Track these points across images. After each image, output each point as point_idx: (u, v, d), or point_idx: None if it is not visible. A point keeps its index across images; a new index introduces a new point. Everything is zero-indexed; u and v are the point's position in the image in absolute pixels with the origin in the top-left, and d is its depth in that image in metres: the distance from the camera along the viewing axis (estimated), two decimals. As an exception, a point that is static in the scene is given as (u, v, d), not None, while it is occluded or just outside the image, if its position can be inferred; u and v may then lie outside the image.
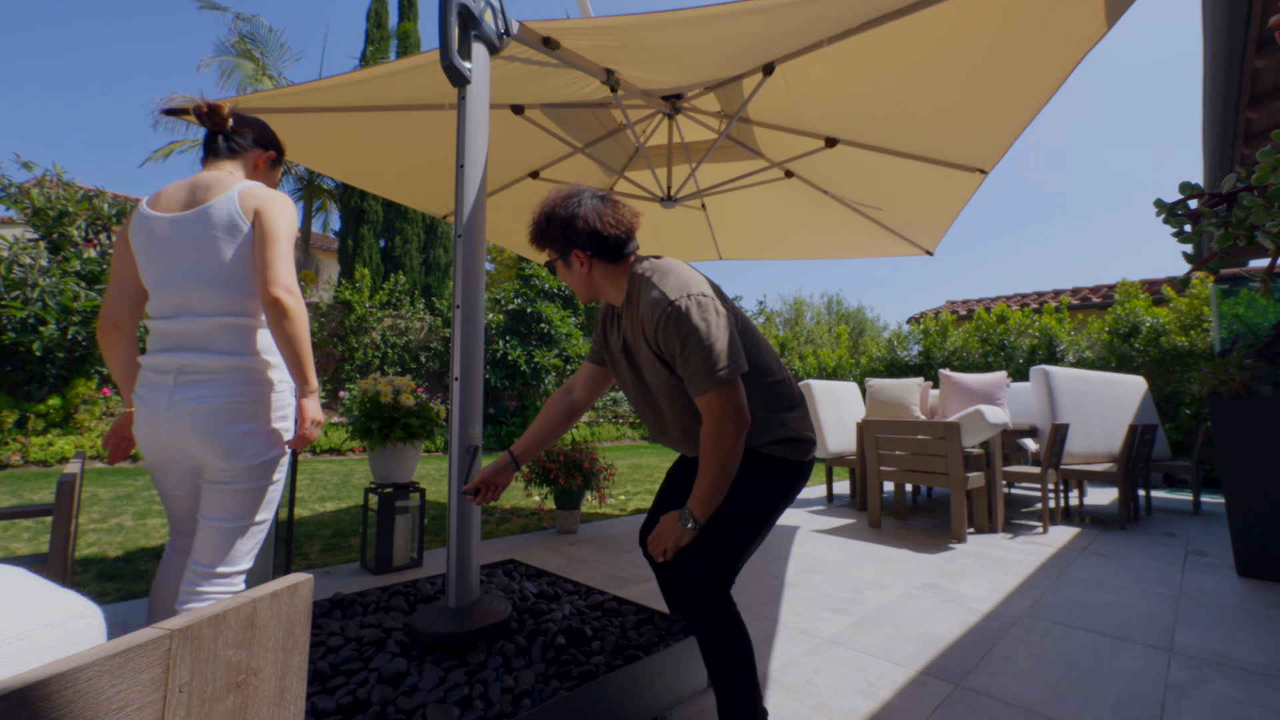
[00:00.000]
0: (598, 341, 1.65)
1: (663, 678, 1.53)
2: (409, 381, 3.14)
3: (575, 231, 1.42)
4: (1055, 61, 2.37)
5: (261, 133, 1.61)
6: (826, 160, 3.48)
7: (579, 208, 1.43)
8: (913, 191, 3.70)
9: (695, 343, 1.30)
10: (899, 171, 3.47)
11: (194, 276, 1.36)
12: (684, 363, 1.33)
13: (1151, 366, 7.11)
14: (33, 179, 6.74)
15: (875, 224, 4.23)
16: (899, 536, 3.96)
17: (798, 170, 3.76)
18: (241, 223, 1.37)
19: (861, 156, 3.38)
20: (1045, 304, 8.83)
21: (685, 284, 1.36)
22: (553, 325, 11.00)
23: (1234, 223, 1.38)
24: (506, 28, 1.76)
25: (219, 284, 1.36)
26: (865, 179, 3.65)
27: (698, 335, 1.30)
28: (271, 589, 0.52)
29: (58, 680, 0.36)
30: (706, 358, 1.30)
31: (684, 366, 1.33)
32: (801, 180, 3.85)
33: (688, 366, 1.32)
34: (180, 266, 1.37)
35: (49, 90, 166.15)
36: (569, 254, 1.45)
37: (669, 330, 1.32)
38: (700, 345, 1.30)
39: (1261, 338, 3.34)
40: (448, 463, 1.57)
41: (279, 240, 1.36)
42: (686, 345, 1.31)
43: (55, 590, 0.57)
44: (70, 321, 6.31)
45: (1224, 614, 2.52)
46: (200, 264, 1.36)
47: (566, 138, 3.35)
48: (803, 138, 3.33)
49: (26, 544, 3.27)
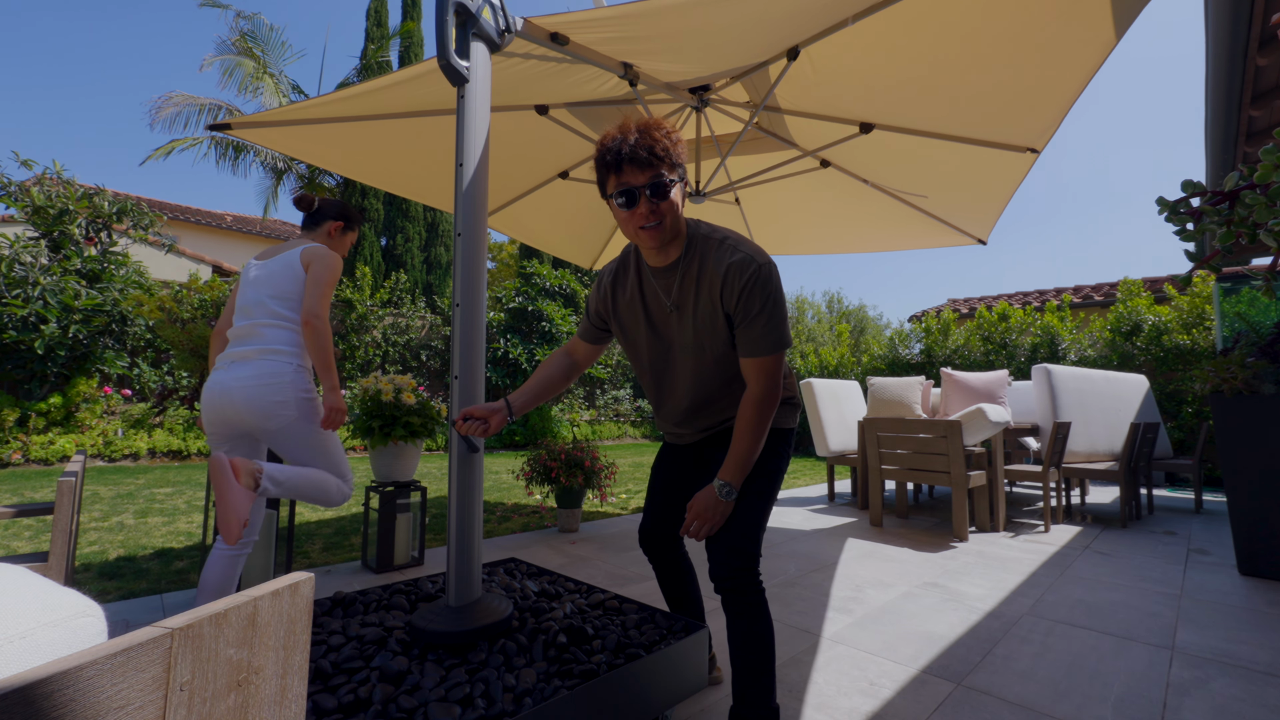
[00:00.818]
0: (600, 311, 1.61)
1: (664, 676, 1.53)
2: (410, 380, 3.15)
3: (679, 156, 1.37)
4: (1103, 21, 2.14)
5: (335, 208, 2.25)
6: (864, 147, 3.33)
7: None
8: (959, 176, 3.48)
9: (773, 306, 1.33)
10: (943, 155, 3.27)
11: (266, 296, 2.02)
12: (751, 324, 1.34)
13: (1153, 365, 7.10)
14: (32, 177, 6.74)
15: (921, 213, 3.99)
16: (900, 535, 3.96)
17: (834, 159, 3.58)
18: (299, 270, 2.04)
19: (901, 141, 3.21)
20: (1047, 302, 8.82)
21: (764, 252, 1.38)
22: (553, 323, 11.00)
23: (1236, 221, 1.37)
24: (508, 24, 1.75)
25: (280, 303, 2.02)
26: (907, 165, 3.46)
27: (775, 300, 1.33)
28: (272, 587, 0.52)
29: (58, 679, 0.36)
30: (778, 323, 1.34)
31: (750, 327, 1.34)
32: (839, 169, 3.67)
33: (753, 327, 1.34)
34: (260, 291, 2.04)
35: (48, 90, 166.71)
36: (682, 179, 1.39)
37: (754, 291, 1.33)
38: (775, 309, 1.34)
39: (1264, 336, 3.34)
40: (448, 461, 1.57)
41: (319, 284, 2.01)
42: (765, 307, 1.33)
43: (56, 589, 0.56)
44: (71, 320, 6.31)
45: (1226, 613, 2.52)
46: (271, 290, 2.03)
47: (593, 136, 3.26)
48: (836, 124, 3.18)
49: (28, 542, 3.27)
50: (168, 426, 7.19)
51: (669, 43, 2.37)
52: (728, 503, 1.38)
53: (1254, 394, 3.11)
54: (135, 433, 6.89)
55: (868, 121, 3.09)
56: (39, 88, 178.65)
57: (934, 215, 4.01)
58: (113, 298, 6.66)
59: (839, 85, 2.83)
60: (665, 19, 2.14)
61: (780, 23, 2.27)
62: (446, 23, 1.55)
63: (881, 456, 4.27)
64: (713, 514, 1.38)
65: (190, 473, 6.09)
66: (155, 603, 2.46)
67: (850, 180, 3.75)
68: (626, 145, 1.33)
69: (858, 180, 3.72)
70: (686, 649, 1.60)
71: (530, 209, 4.19)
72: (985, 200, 3.71)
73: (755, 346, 1.35)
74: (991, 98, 2.74)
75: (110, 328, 6.86)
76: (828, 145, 3.24)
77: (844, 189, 3.88)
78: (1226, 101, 3.09)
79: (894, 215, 4.11)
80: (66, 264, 6.53)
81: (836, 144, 3.23)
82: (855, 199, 3.99)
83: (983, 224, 4.03)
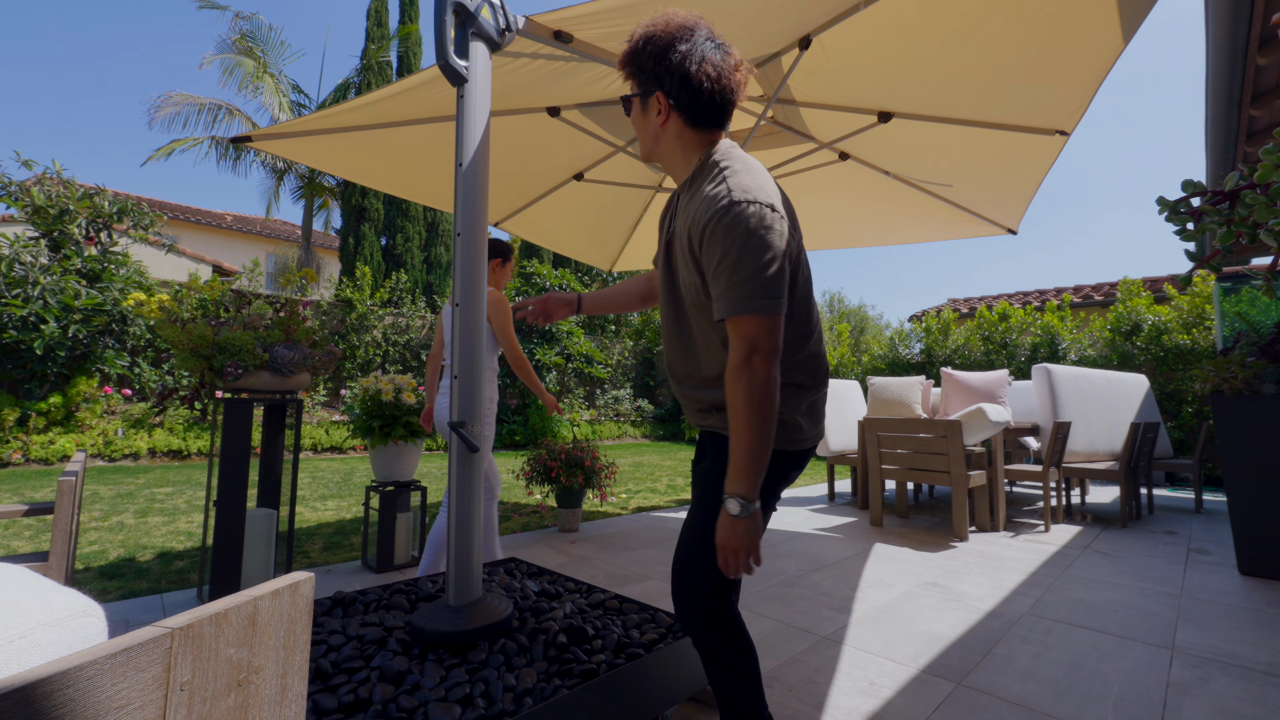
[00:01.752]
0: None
1: (664, 676, 1.53)
2: (410, 380, 3.14)
3: (667, 66, 1.16)
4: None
5: (492, 247, 2.62)
6: (883, 137, 3.21)
7: (684, 42, 1.16)
8: (985, 163, 3.34)
9: (738, 255, 1.05)
10: (966, 142, 3.14)
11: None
12: (715, 274, 1.09)
13: (1154, 364, 7.10)
14: (33, 177, 6.73)
15: (946, 203, 3.85)
16: (900, 535, 3.96)
17: (853, 151, 3.47)
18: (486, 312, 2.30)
19: (922, 129, 3.10)
20: (1047, 302, 8.82)
21: (757, 189, 1.10)
22: (554, 323, 10.99)
23: (1236, 220, 1.37)
24: (508, 23, 1.75)
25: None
26: (929, 154, 3.34)
27: (744, 248, 1.05)
28: (273, 587, 0.52)
29: (59, 679, 0.36)
30: (746, 276, 1.05)
31: (714, 279, 1.10)
32: (859, 162, 3.56)
33: (717, 280, 1.09)
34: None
35: (49, 90, 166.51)
36: (650, 93, 1.20)
37: (715, 232, 1.08)
38: (743, 259, 1.05)
39: (1264, 336, 3.33)
40: (448, 461, 1.57)
41: (503, 331, 2.52)
42: (728, 254, 1.06)
43: (56, 589, 0.56)
44: (71, 320, 6.31)
45: (1226, 612, 2.52)
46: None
47: (607, 137, 3.22)
48: (853, 114, 3.07)
49: (28, 542, 3.27)
50: (168, 426, 7.20)
51: None
52: (748, 519, 1.08)
53: (1254, 394, 3.10)
54: (135, 432, 6.89)
55: (886, 110, 2.98)
56: (39, 87, 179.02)
57: (960, 205, 3.87)
58: (113, 297, 6.67)
59: (854, 73, 2.74)
60: (666, 8, 2.11)
61: (791, 9, 2.20)
62: (445, 23, 1.55)
63: (882, 456, 4.27)
64: (733, 538, 1.09)
65: (190, 472, 6.10)
66: (155, 602, 2.46)
67: (871, 172, 3.64)
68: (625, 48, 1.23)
69: (879, 172, 3.60)
70: (687, 649, 1.60)
71: (546, 212, 4.17)
72: (1013, 187, 3.55)
73: (719, 303, 1.09)
74: (1016, 75, 2.59)
75: (110, 327, 6.86)
76: (846, 136, 3.14)
77: (865, 181, 3.77)
78: (1227, 101, 3.08)
79: (918, 206, 3.99)
80: (66, 264, 6.53)
81: (855, 134, 3.13)
82: (877, 191, 3.88)
83: (1012, 213, 3.89)
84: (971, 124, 2.98)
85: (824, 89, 2.93)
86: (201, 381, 2.49)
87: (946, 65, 2.62)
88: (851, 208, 4.23)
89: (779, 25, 2.31)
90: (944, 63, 2.60)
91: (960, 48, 2.48)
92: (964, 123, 2.99)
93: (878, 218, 4.35)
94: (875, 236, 4.76)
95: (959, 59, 2.56)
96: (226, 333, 2.47)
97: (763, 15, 2.21)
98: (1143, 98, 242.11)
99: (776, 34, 2.36)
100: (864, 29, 2.40)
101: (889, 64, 2.66)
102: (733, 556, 1.10)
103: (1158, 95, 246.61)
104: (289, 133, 2.90)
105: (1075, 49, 2.39)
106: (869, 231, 4.67)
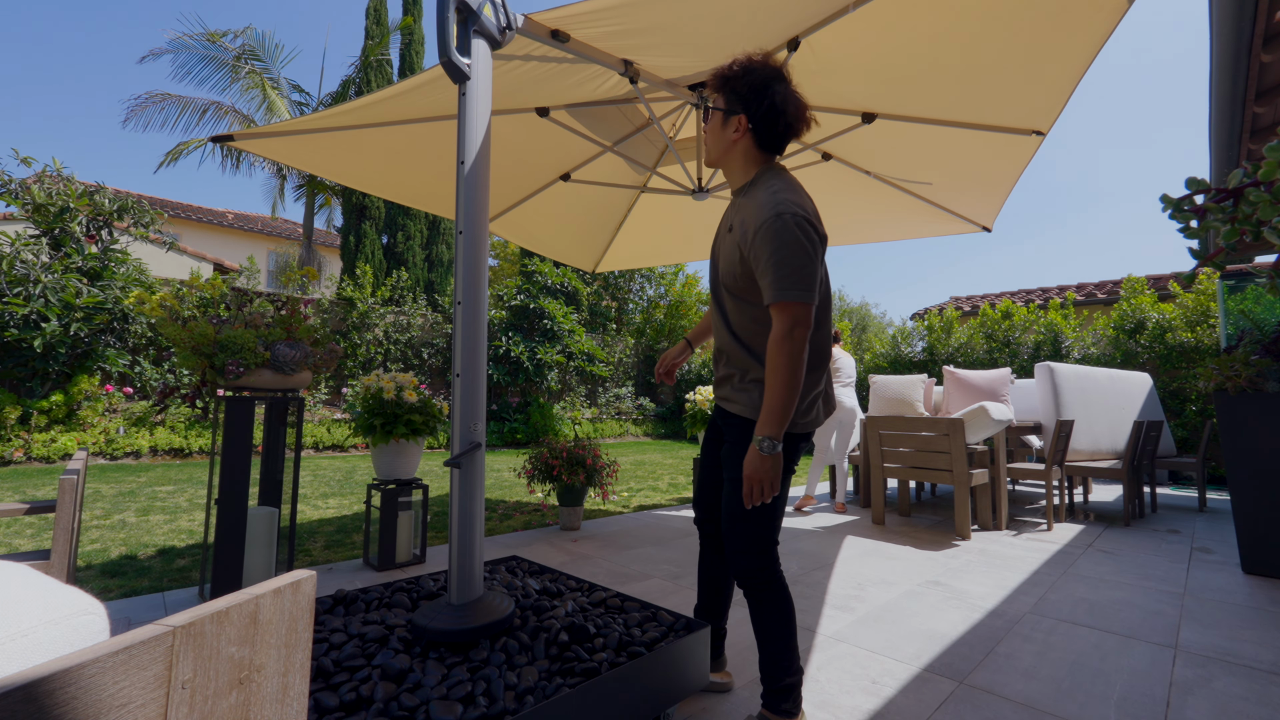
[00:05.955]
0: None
1: (666, 675, 1.52)
2: (411, 378, 3.14)
3: (759, 99, 1.46)
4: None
5: None
6: (866, 138, 3.26)
7: (780, 83, 1.47)
8: (963, 163, 3.43)
9: (781, 257, 1.35)
10: (946, 142, 3.22)
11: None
12: (762, 271, 1.38)
13: (1157, 363, 7.09)
14: (33, 174, 6.73)
15: (925, 202, 3.93)
16: (903, 533, 3.95)
17: (835, 151, 3.52)
18: None
19: (903, 130, 3.16)
20: (1050, 300, 8.80)
21: (799, 206, 1.40)
22: (555, 321, 10.99)
23: (1240, 218, 1.37)
24: (509, 21, 1.74)
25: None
26: (910, 154, 3.42)
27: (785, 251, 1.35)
28: (274, 586, 0.52)
29: (60, 677, 0.36)
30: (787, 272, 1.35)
31: (761, 274, 1.39)
32: (840, 162, 3.60)
33: (764, 276, 1.38)
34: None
35: (49, 90, 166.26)
36: (735, 113, 1.50)
37: (762, 238, 1.38)
38: (786, 259, 1.35)
39: (1268, 334, 3.32)
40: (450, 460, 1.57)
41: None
42: (773, 256, 1.36)
43: (58, 587, 0.56)
44: (72, 318, 6.32)
45: (1230, 611, 2.52)
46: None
47: (594, 137, 3.24)
48: (837, 115, 3.11)
49: (29, 540, 3.28)
50: (169, 424, 7.21)
51: (669, 35, 2.35)
52: (773, 456, 1.36)
53: (1258, 392, 3.10)
54: (137, 431, 6.90)
55: (870, 111, 3.04)
56: (39, 88, 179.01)
57: (938, 204, 3.96)
58: (114, 295, 6.67)
59: (840, 75, 2.79)
60: (665, 6, 2.12)
61: (782, 13, 2.25)
62: (448, 20, 1.55)
63: (884, 455, 4.26)
64: (759, 471, 1.37)
65: (192, 470, 6.11)
66: (157, 601, 2.46)
67: (852, 172, 3.70)
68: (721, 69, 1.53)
69: (860, 172, 3.67)
70: (688, 647, 1.60)
71: (532, 213, 4.16)
72: (990, 186, 3.66)
73: (767, 291, 1.39)
74: (993, 80, 2.69)
75: (111, 325, 6.87)
76: (829, 137, 3.20)
77: (847, 181, 3.83)
78: (1231, 98, 3.07)
79: (897, 205, 4.06)
80: (67, 262, 6.53)
81: (838, 135, 3.19)
82: (859, 191, 3.94)
83: (987, 211, 4.00)
84: (950, 124, 3.06)
85: (809, 90, 2.96)
86: (203, 380, 2.49)
87: (930, 65, 2.67)
88: (833, 206, 4.31)
89: (771, 27, 2.36)
90: (927, 62, 2.66)
91: (943, 45, 2.54)
92: (944, 123, 3.06)
93: (858, 216, 4.42)
94: (856, 234, 4.85)
95: (942, 57, 2.62)
96: (228, 331, 2.47)
97: (756, 17, 2.26)
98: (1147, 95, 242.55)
99: (767, 36, 2.42)
100: (849, 31, 2.45)
101: (874, 65, 2.71)
102: (756, 486, 1.38)
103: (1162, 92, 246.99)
104: (271, 133, 2.90)
105: (1052, 51, 2.47)
106: (851, 229, 4.76)
